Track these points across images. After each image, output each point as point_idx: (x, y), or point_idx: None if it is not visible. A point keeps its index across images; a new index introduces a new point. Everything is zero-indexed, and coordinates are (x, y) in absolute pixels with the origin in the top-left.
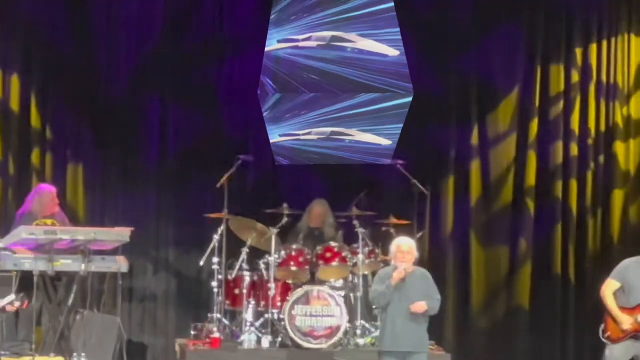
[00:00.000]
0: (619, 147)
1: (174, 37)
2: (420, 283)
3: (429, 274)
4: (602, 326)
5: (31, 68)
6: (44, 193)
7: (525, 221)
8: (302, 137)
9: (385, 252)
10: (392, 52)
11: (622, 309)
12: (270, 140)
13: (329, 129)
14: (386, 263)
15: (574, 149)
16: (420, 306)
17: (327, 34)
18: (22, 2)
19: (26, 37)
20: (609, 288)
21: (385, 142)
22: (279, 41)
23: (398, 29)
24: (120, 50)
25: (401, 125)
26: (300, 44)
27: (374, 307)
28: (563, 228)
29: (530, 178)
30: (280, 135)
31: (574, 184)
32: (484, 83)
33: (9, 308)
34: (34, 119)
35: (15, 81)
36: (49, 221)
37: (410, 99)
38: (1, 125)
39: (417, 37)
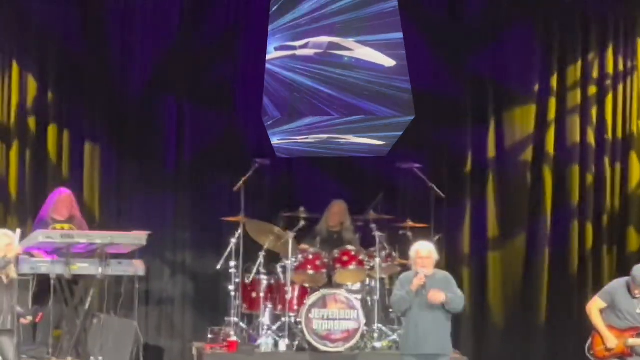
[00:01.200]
0: (634, 157)
1: (189, 37)
2: (442, 285)
3: (450, 276)
4: (588, 342)
5: (47, 71)
6: (55, 196)
7: (543, 225)
8: (299, 141)
9: (404, 256)
10: (389, 62)
11: (611, 328)
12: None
13: (325, 135)
14: (403, 267)
15: (591, 152)
16: (437, 296)
17: (325, 40)
18: (36, 5)
19: (41, 40)
20: (595, 306)
21: (379, 142)
22: (276, 49)
23: (401, 35)
24: (135, 52)
25: (400, 133)
26: (298, 52)
27: (391, 311)
28: (580, 230)
29: (548, 181)
30: (279, 140)
31: (591, 185)
32: (500, 83)
33: (23, 321)
34: (51, 122)
35: (32, 85)
36: (66, 226)
37: (411, 117)
38: (17, 128)
39: (430, 38)
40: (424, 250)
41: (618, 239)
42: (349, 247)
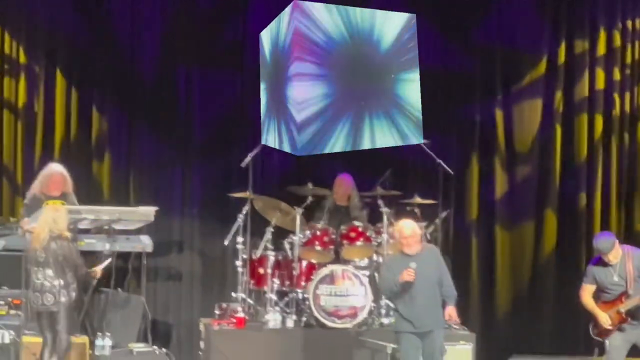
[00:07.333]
0: None
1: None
2: (433, 260)
3: (437, 250)
4: (591, 324)
5: (55, 46)
6: (47, 172)
7: (551, 199)
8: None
9: None
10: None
11: (604, 304)
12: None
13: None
14: None
15: (599, 124)
16: (455, 314)
17: None
18: None
19: (48, 15)
20: (586, 293)
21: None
22: None
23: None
24: (143, 23)
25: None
26: None
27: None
28: (588, 206)
29: (557, 156)
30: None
31: (599, 162)
32: (507, 57)
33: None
34: (59, 98)
35: (41, 61)
36: (58, 202)
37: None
38: (26, 105)
39: (436, 13)
40: (407, 230)
41: (626, 210)
42: (357, 223)
